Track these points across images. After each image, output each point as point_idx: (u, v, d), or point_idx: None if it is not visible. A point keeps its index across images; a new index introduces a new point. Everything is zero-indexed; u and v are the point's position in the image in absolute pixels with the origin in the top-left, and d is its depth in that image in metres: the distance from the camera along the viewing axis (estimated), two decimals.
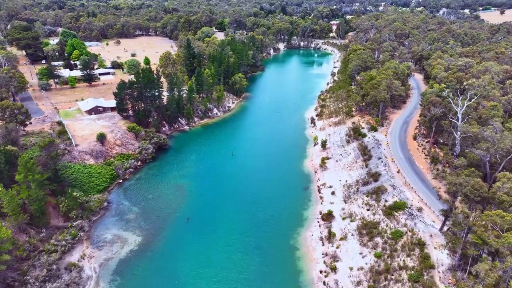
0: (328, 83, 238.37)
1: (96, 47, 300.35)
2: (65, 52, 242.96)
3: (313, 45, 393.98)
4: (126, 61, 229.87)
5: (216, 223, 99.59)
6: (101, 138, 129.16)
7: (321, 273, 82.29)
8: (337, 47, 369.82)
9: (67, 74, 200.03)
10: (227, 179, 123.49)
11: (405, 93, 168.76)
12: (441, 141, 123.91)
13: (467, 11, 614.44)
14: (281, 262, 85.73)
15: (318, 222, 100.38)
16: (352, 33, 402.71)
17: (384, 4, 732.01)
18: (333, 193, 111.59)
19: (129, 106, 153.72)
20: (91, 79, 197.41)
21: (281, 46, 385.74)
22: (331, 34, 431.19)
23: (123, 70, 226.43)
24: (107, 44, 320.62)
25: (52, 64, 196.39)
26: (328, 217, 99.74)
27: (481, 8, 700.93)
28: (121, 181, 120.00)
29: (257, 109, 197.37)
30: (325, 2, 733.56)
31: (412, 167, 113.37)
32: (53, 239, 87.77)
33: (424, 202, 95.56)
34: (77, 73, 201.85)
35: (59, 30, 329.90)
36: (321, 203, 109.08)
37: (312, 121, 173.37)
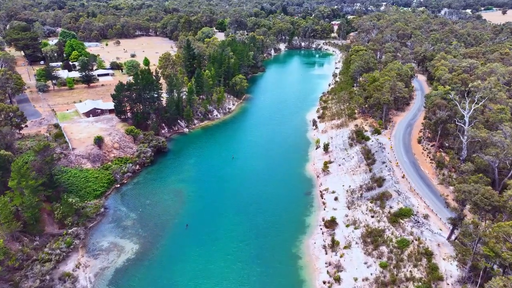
0: (329, 84, 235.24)
1: (95, 48, 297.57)
2: (64, 53, 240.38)
3: (314, 46, 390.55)
4: (125, 62, 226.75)
5: (216, 230, 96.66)
6: (99, 141, 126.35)
7: (324, 283, 79.14)
8: (338, 47, 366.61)
9: (65, 75, 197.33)
10: (227, 183, 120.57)
11: (408, 95, 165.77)
12: (447, 144, 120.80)
13: (468, 11, 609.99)
14: (282, 272, 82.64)
15: (321, 229, 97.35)
16: (354, 34, 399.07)
17: (385, 4, 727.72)
18: (336, 198, 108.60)
19: (128, 108, 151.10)
20: (89, 80, 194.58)
21: (282, 46, 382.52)
22: (333, 35, 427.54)
23: (122, 71, 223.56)
24: (106, 45, 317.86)
25: (50, 65, 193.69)
26: (331, 224, 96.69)
27: (482, 8, 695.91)
28: (118, 185, 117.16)
29: (258, 110, 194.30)
30: (326, 2, 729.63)
31: (417, 171, 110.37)
32: (47, 247, 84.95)
33: (430, 209, 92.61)
34: (76, 74, 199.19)
35: (59, 30, 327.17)
36: (324, 209, 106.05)
37: (314, 123, 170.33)
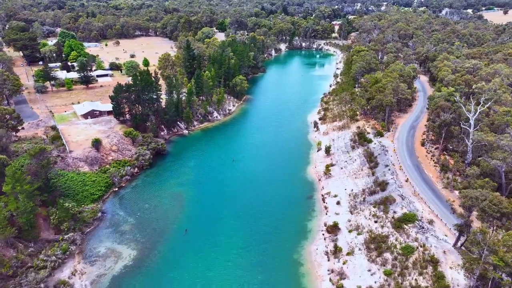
0: (331, 85, 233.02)
1: (95, 48, 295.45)
2: (62, 53, 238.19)
3: (315, 46, 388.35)
4: (124, 62, 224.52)
5: (215, 235, 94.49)
6: (97, 144, 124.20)
7: None
8: (339, 47, 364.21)
9: (63, 76, 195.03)
10: (227, 186, 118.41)
11: (411, 96, 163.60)
12: (451, 147, 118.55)
13: (470, 11, 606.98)
14: (284, 280, 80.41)
15: (323, 234, 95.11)
16: (355, 34, 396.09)
17: (386, 4, 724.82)
18: (338, 202, 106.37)
19: (126, 110, 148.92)
20: (88, 81, 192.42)
21: (282, 46, 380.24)
22: (333, 35, 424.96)
23: (121, 72, 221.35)
24: (106, 45, 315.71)
25: (48, 66, 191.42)
26: (333, 229, 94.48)
27: (484, 8, 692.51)
28: (116, 189, 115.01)
29: (259, 112, 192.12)
30: (327, 2, 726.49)
31: (421, 175, 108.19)
32: (42, 253, 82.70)
33: (435, 214, 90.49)
34: (74, 75, 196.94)
35: (58, 30, 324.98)
36: (326, 214, 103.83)
37: (315, 125, 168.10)
